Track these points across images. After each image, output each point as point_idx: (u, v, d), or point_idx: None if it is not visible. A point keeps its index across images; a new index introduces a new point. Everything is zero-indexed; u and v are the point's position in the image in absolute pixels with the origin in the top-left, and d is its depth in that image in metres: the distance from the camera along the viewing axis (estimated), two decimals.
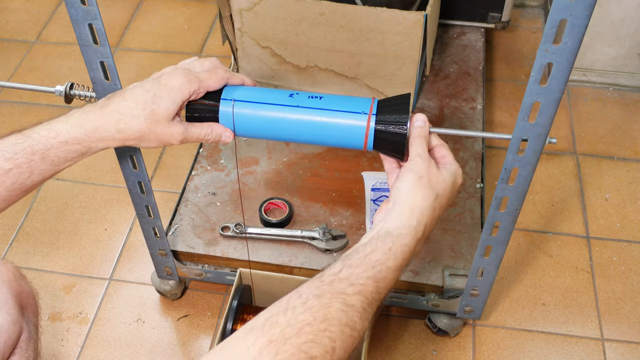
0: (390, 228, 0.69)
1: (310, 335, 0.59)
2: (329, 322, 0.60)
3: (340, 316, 0.61)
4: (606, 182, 1.55)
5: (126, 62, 1.88)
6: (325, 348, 0.59)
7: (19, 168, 0.75)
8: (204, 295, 1.37)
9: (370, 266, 0.65)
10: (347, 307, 0.62)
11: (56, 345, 1.30)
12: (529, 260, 1.41)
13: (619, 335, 1.29)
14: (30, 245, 1.47)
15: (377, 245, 0.67)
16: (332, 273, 0.64)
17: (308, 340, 0.58)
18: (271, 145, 1.41)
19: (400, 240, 0.68)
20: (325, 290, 0.62)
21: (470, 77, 1.57)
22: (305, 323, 0.59)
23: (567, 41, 0.73)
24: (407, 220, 0.69)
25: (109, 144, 0.79)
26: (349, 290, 0.63)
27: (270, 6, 1.33)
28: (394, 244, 0.67)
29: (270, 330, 0.58)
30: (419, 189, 0.71)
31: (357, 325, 0.62)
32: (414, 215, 0.70)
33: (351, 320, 0.62)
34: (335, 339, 0.60)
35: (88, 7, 0.81)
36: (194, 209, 1.31)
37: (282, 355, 0.57)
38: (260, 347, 0.57)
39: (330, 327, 0.60)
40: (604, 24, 1.63)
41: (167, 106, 0.78)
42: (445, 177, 0.74)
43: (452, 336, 1.29)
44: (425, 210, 0.70)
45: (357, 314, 0.62)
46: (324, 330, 0.59)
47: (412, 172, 0.72)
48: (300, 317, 0.59)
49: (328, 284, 0.63)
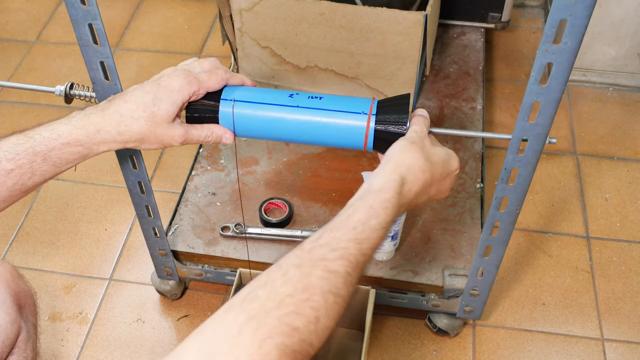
0: (372, 185, 0.67)
1: (292, 306, 0.56)
2: (311, 291, 0.58)
3: (322, 284, 0.58)
4: (606, 182, 1.55)
5: (126, 62, 1.89)
6: (308, 318, 0.57)
7: (21, 169, 0.75)
8: (204, 295, 1.37)
9: (352, 227, 0.63)
10: (329, 273, 0.59)
11: (56, 345, 1.30)
12: (529, 260, 1.41)
13: (619, 335, 1.29)
14: (30, 245, 1.47)
15: (357, 205, 0.65)
16: (311, 240, 0.62)
17: (290, 312, 0.56)
18: (271, 145, 1.41)
19: (381, 195, 0.66)
20: (305, 259, 0.60)
21: (470, 77, 1.57)
22: (285, 295, 0.57)
23: (567, 41, 0.73)
24: (388, 175, 0.67)
25: (110, 147, 0.79)
26: (330, 255, 0.60)
27: (270, 6, 1.33)
28: (374, 201, 0.65)
29: (249, 306, 0.56)
30: (408, 150, 0.70)
31: (341, 291, 0.60)
32: (398, 169, 0.68)
33: (335, 286, 0.59)
34: (319, 307, 0.57)
35: (88, 7, 0.81)
36: (194, 209, 1.31)
37: (264, 329, 0.54)
38: (240, 323, 0.54)
39: (313, 296, 0.57)
40: (604, 24, 1.63)
41: (167, 108, 0.78)
42: (439, 151, 0.74)
43: (452, 336, 1.29)
44: (413, 168, 0.69)
45: (341, 279, 0.60)
46: (306, 300, 0.57)
47: (405, 140, 0.72)
48: (280, 290, 0.57)
49: (308, 252, 0.61)
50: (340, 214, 0.65)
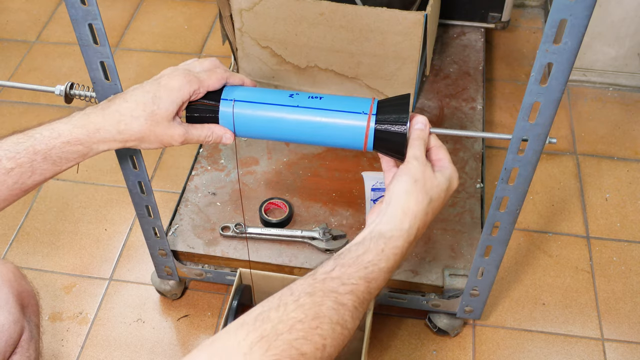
0: (383, 230, 0.69)
1: (302, 332, 0.59)
2: (321, 319, 0.61)
3: (331, 314, 0.61)
4: (606, 182, 1.55)
5: (126, 62, 1.89)
6: (316, 345, 0.60)
7: (21, 167, 0.76)
8: (204, 295, 1.37)
9: (363, 267, 0.66)
10: (338, 305, 0.62)
11: (56, 345, 1.30)
12: (529, 260, 1.41)
13: (619, 335, 1.29)
14: (30, 245, 1.47)
15: (369, 246, 0.68)
16: (324, 271, 0.65)
17: (299, 337, 0.59)
18: (271, 145, 1.41)
19: (392, 242, 0.69)
20: (317, 288, 0.63)
21: (470, 77, 1.57)
22: (297, 320, 0.60)
23: (567, 41, 0.73)
24: (399, 223, 0.70)
25: (110, 146, 0.79)
26: (341, 289, 0.64)
27: (270, 6, 1.33)
28: (386, 246, 0.68)
29: (262, 326, 0.59)
30: (413, 192, 0.71)
31: (348, 323, 0.63)
32: (407, 218, 0.70)
33: (342, 318, 0.62)
34: (326, 336, 0.60)
35: (88, 7, 0.81)
36: (194, 209, 1.31)
37: (274, 350, 0.57)
38: (251, 342, 0.57)
39: (322, 324, 0.60)
40: (604, 24, 1.63)
41: (167, 107, 0.78)
42: (440, 181, 0.74)
43: (452, 336, 1.29)
44: (418, 214, 0.71)
45: (349, 312, 0.63)
46: (316, 327, 0.60)
47: (408, 175, 0.72)
48: (292, 314, 0.60)
49: (320, 282, 0.64)
50: (351, 249, 0.68)
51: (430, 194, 0.72)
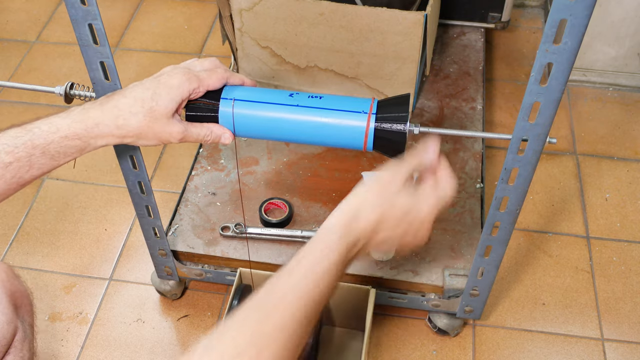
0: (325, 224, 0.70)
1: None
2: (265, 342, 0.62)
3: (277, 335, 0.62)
4: (606, 182, 1.55)
5: (126, 62, 1.89)
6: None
7: (19, 162, 0.76)
8: (204, 295, 1.37)
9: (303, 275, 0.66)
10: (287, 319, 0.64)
11: (56, 345, 1.30)
12: (529, 260, 1.41)
13: (619, 335, 1.29)
14: (30, 245, 1.47)
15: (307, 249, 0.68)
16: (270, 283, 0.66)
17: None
18: (271, 145, 1.41)
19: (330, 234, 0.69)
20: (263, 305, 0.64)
21: (470, 77, 1.57)
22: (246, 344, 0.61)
23: (567, 41, 0.73)
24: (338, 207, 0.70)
25: (108, 141, 0.79)
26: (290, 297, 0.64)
27: (270, 6, 1.33)
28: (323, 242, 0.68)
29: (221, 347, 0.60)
30: (367, 186, 0.71)
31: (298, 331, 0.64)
32: (347, 200, 0.70)
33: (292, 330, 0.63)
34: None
35: (88, 7, 0.81)
36: (194, 209, 1.31)
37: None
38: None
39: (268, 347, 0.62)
40: (604, 24, 1.63)
41: (165, 104, 0.78)
42: (403, 202, 0.71)
43: (452, 336, 1.29)
44: (365, 204, 0.70)
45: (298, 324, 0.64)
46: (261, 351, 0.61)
47: (374, 178, 0.72)
48: (238, 340, 0.61)
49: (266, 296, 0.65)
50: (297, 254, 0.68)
51: (385, 206, 0.70)
